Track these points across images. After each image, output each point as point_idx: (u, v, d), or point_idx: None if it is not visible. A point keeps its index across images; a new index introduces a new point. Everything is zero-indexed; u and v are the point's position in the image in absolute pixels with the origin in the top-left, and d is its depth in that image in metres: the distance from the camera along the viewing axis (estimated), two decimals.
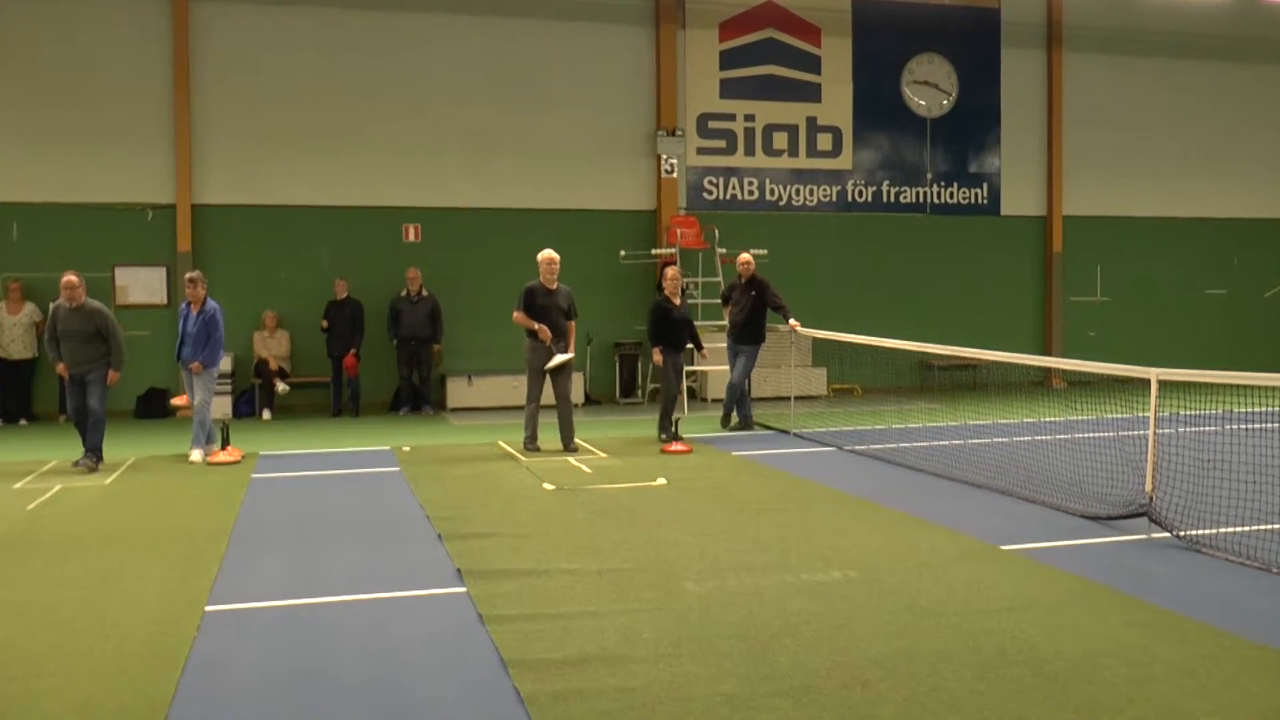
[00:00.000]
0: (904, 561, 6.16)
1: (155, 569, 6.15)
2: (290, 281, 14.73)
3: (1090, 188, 17.60)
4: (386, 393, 14.89)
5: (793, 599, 5.41)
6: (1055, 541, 6.70)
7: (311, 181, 14.74)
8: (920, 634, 4.85)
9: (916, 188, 17.04)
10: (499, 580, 5.79)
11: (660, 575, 5.88)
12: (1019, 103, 17.32)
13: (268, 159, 14.62)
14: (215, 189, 14.45)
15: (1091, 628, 4.93)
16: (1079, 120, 17.47)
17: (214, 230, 14.47)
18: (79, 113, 14.04)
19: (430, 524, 7.30)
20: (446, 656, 4.68)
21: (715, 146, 16.19)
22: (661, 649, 4.68)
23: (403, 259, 14.79)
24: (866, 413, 13.30)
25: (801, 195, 16.56)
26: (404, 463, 10.02)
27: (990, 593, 5.51)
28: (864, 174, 16.80)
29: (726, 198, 16.28)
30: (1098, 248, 17.68)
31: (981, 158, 17.31)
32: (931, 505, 7.84)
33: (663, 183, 15.81)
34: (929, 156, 17.07)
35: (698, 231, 15.46)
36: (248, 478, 9.27)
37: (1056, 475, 8.56)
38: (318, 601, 5.53)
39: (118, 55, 14.13)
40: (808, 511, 7.64)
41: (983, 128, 17.27)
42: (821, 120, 16.57)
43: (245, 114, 14.50)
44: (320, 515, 7.73)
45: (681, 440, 10.68)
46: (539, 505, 7.91)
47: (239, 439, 11.05)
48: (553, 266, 10.61)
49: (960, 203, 17.21)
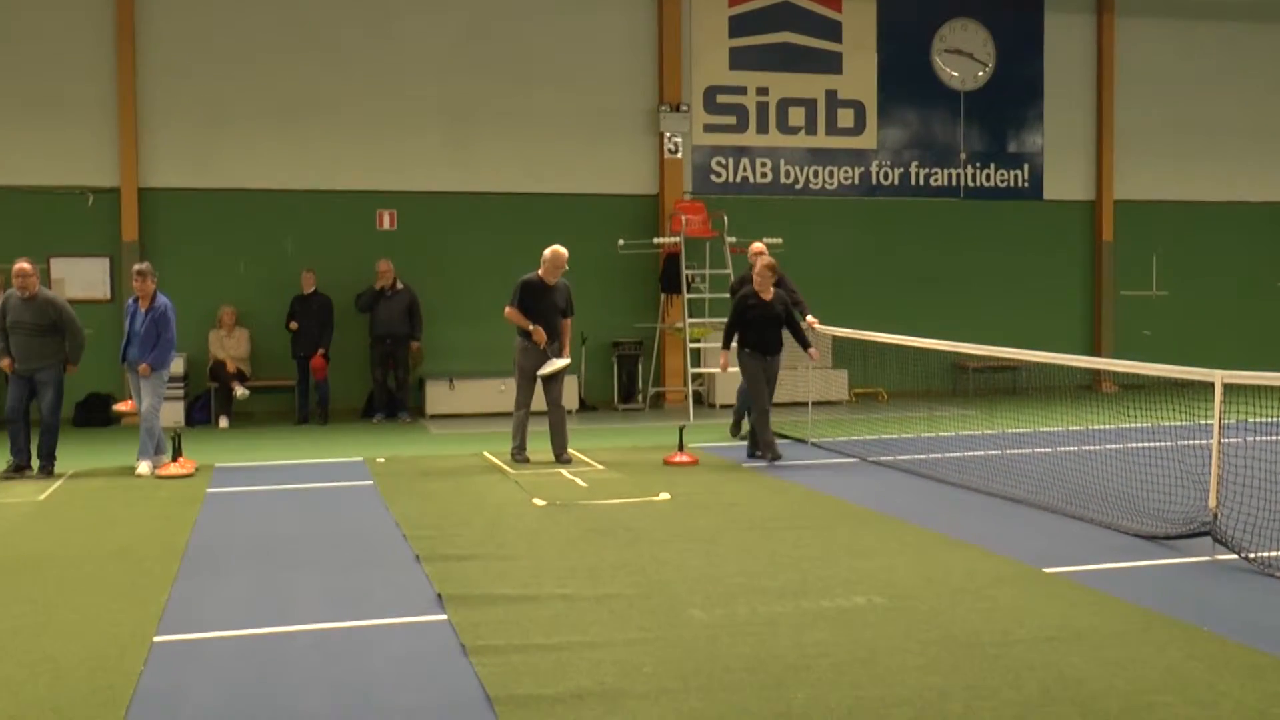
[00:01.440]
0: (936, 586, 6.15)
1: (96, 595, 6.14)
2: (250, 274, 14.73)
3: (1145, 169, 17.59)
4: (358, 398, 14.89)
5: (811, 628, 5.40)
6: (1106, 564, 6.69)
7: (274, 163, 14.74)
8: (954, 668, 4.83)
9: (949, 169, 17.03)
10: (484, 607, 5.78)
11: (663, 601, 5.87)
12: (1065, 73, 17.30)
13: (224, 138, 14.61)
14: (165, 171, 14.44)
15: (1148, 661, 4.91)
16: (1133, 93, 17.44)
17: (164, 217, 14.46)
18: (11, 86, 14.04)
19: (407, 544, 7.29)
20: (425, 692, 4.66)
21: (724, 123, 16.19)
22: (664, 684, 4.67)
23: (377, 248, 14.78)
24: (893, 420, 13.29)
25: (820, 178, 16.55)
26: (378, 476, 10.01)
27: (1033, 621, 5.49)
28: (890, 154, 16.79)
29: (736, 180, 16.28)
30: (1154, 235, 17.66)
31: (1022, 136, 17.29)
32: (966, 523, 7.83)
33: (666, 164, 15.80)
34: (963, 134, 17.06)
35: (705, 218, 15.46)
36: (202, 493, 9.25)
37: (1107, 490, 8.54)
38: (280, 630, 5.52)
39: (53, 22, 14.13)
40: (827, 530, 7.63)
41: (1023, 102, 17.26)
42: (843, 94, 16.56)
43: (199, 87, 14.50)
44: (284, 534, 7.71)
45: (684, 451, 10.67)
46: (528, 523, 7.91)
47: (192, 450, 11.02)
48: (559, 264, 10.52)
49: (998, 186, 17.19)
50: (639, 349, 15.53)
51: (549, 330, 10.48)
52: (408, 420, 14.33)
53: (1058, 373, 15.16)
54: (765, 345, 10.78)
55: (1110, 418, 12.45)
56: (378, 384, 14.50)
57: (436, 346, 15.07)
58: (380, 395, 14.50)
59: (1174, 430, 10.04)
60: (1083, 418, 12.62)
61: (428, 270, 14.99)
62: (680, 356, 15.40)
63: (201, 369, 14.33)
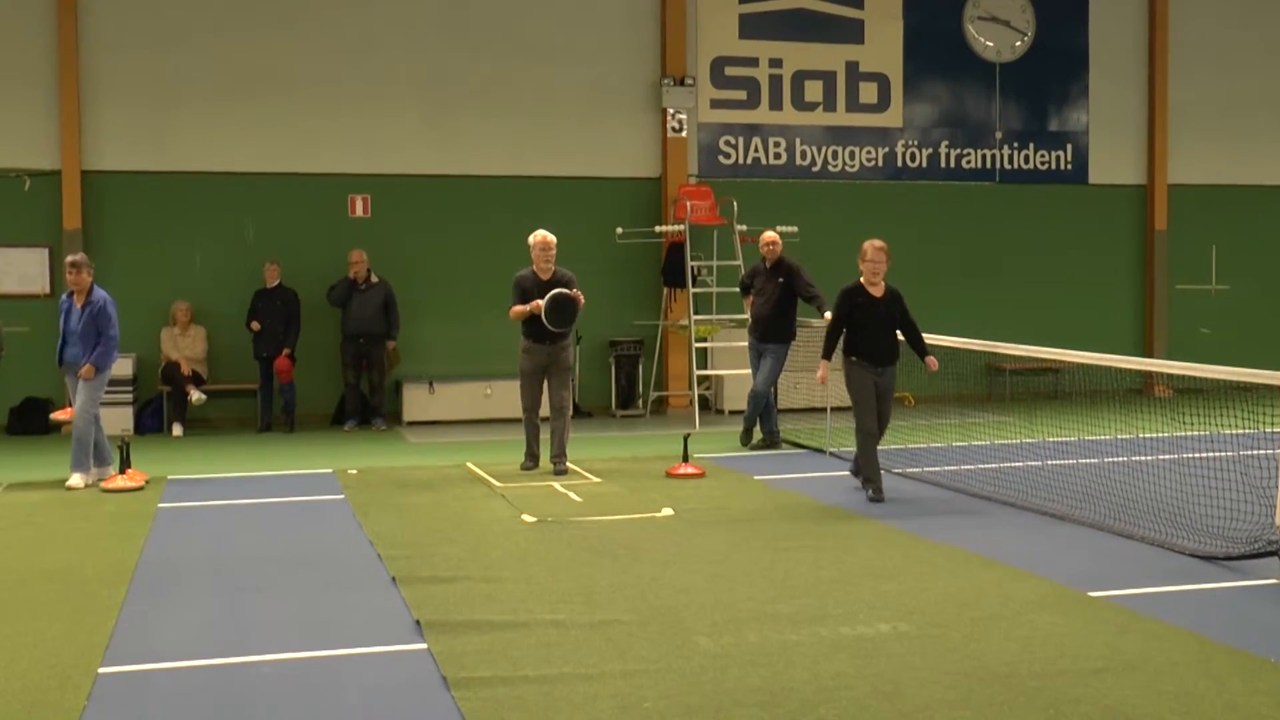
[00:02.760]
0: (968, 611, 6.15)
1: (34, 622, 6.13)
2: (207, 266, 14.75)
3: (1203, 150, 17.62)
4: (328, 403, 14.91)
5: (829, 658, 5.40)
6: (1159, 587, 6.69)
7: (234, 143, 14.75)
8: (988, 703, 4.83)
9: (983, 150, 17.05)
10: (467, 634, 5.79)
11: (666, 628, 5.88)
12: (1113, 43, 17.33)
13: (179, 116, 14.62)
14: (111, 152, 14.45)
15: (1207, 696, 4.91)
16: (1189, 66, 17.47)
17: (110, 203, 14.47)
18: None
19: (382, 564, 7.31)
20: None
21: (734, 99, 16.21)
22: (669, 719, 4.66)
23: (349, 237, 14.79)
24: (921, 427, 13.28)
25: (840, 159, 16.57)
26: (350, 489, 10.03)
27: (1077, 651, 5.49)
28: (917, 133, 16.81)
29: (747, 162, 16.30)
30: (1212, 224, 17.71)
31: (1064, 113, 17.31)
32: (1002, 541, 7.84)
33: (669, 143, 15.82)
34: (999, 111, 17.09)
35: (712, 204, 15.47)
36: (153, 508, 9.25)
37: (1160, 505, 8.55)
38: (241, 661, 5.51)
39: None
40: (848, 549, 7.64)
41: (1066, 75, 17.28)
42: (865, 66, 16.59)
43: (150, 61, 14.51)
44: (244, 554, 7.72)
45: (690, 463, 10.68)
46: (517, 542, 7.92)
47: (142, 460, 11.04)
48: (548, 251, 10.68)
49: (1038, 168, 17.22)
50: (639, 349, 15.55)
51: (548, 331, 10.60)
52: (383, 428, 14.34)
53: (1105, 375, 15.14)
54: (879, 353, 9.53)
55: (1164, 425, 12.44)
56: (350, 387, 14.51)
57: (415, 346, 15.08)
58: (352, 400, 14.51)
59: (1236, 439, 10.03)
60: (1133, 425, 12.61)
61: (405, 262, 15.00)
62: (685, 357, 15.41)
63: (153, 371, 14.33)
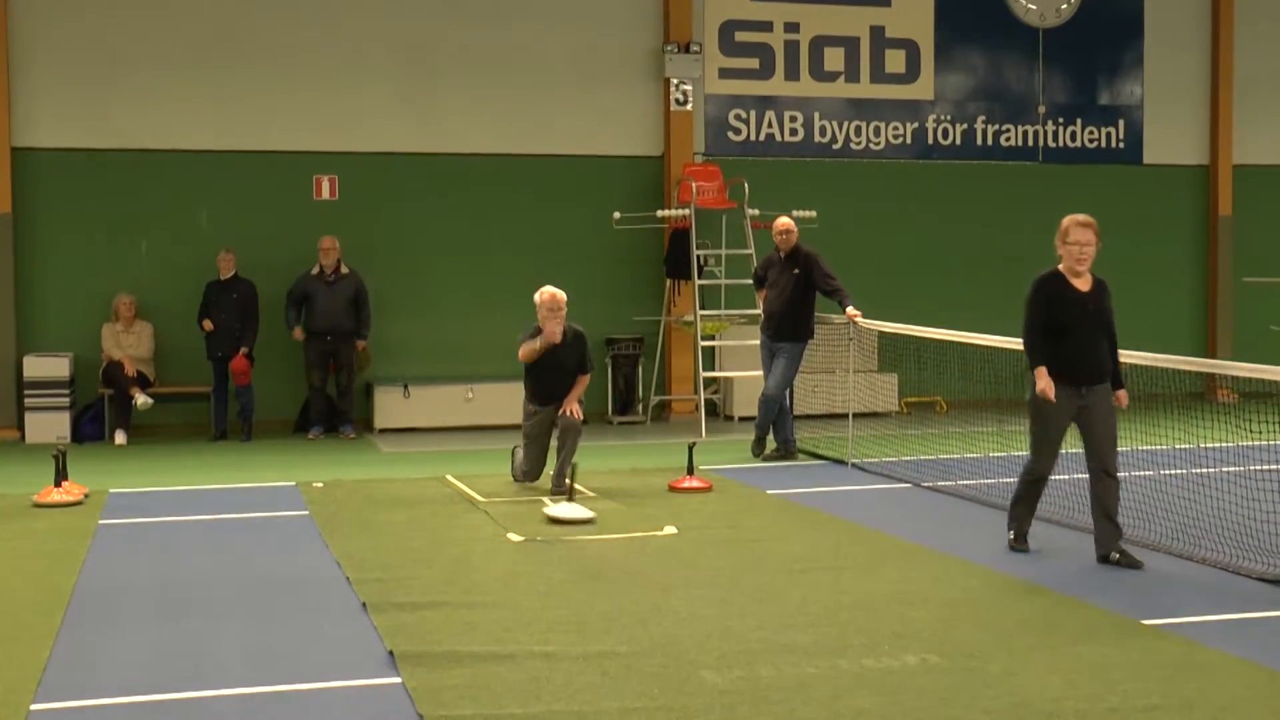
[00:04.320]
0: (1007, 642, 6.16)
1: None
2: (155, 255, 14.77)
3: (1273, 127, 17.65)
4: (291, 408, 14.93)
5: (850, 694, 5.41)
6: (1223, 614, 6.70)
7: (185, 118, 14.76)
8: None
9: (1024, 126, 17.07)
10: (446, 667, 5.79)
11: (668, 660, 5.89)
12: (1171, 5, 17.35)
13: (120, 87, 14.62)
14: (45, 127, 14.46)
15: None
16: (1258, 32, 17.51)
17: (44, 184, 14.48)
18: None
19: (352, 589, 7.31)
20: None
21: (745, 68, 16.23)
22: None
23: (314, 223, 14.81)
24: (953, 436, 13.30)
25: (864, 135, 16.59)
26: (315, 504, 10.02)
27: (1129, 686, 5.49)
28: (950, 106, 16.83)
29: (760, 139, 16.32)
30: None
31: (1116, 85, 17.33)
32: (1044, 565, 7.86)
33: (672, 118, 15.84)
34: (1042, 83, 17.11)
35: (721, 186, 15.49)
36: (93, 525, 9.24)
37: (1223, 523, 8.55)
38: (193, 696, 5.51)
39: None
40: (871, 572, 7.66)
41: (1118, 42, 17.31)
42: (891, 31, 16.61)
43: (89, 27, 14.51)
44: (196, 577, 7.72)
45: (695, 475, 10.68)
46: (502, 564, 7.93)
47: (81, 472, 11.04)
48: (557, 312, 10.43)
49: (1086, 146, 17.25)
50: (639, 348, 15.57)
51: (557, 391, 10.56)
52: (351, 436, 14.37)
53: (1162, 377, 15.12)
54: (1084, 367, 7.89)
55: (1228, 433, 12.45)
56: (315, 391, 14.53)
57: (387, 345, 15.09)
58: (318, 404, 14.54)
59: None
60: (1193, 433, 12.62)
61: (377, 251, 15.03)
62: (690, 357, 15.42)
63: (93, 372, 14.35)
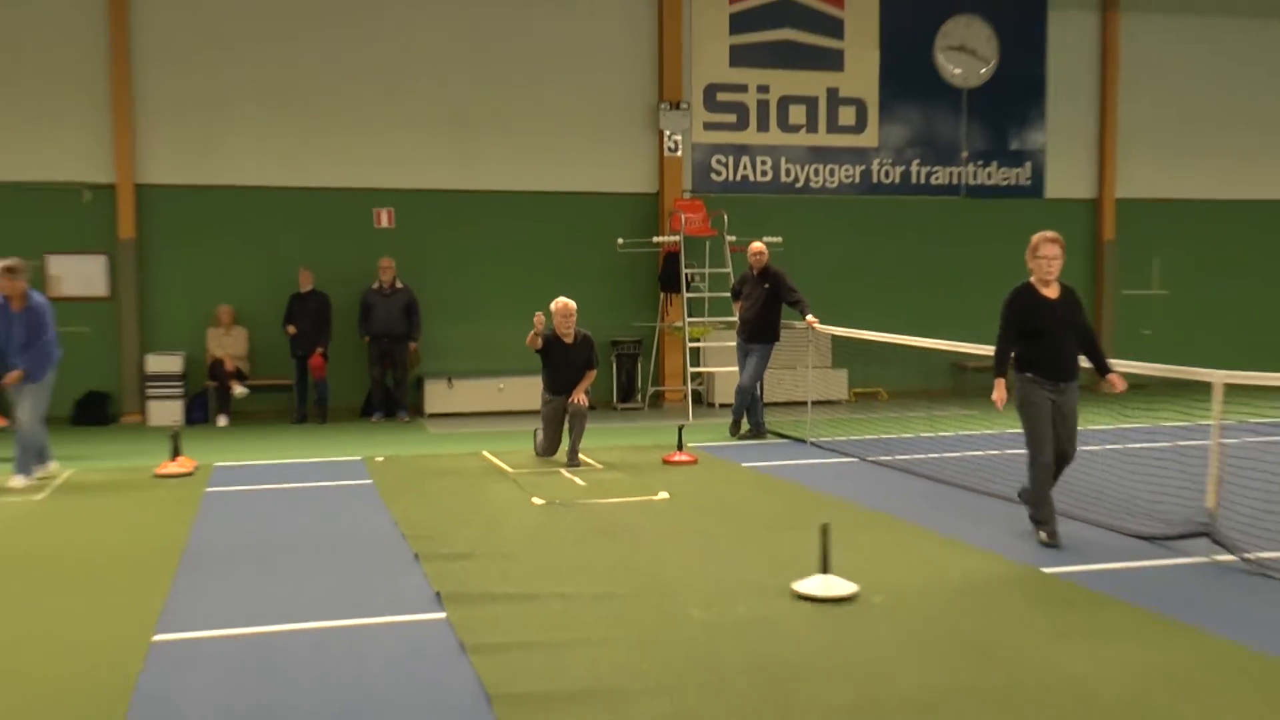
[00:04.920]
0: (938, 588, 6.18)
1: (95, 595, 6.17)
2: (249, 272, 14.74)
3: (1147, 167, 17.61)
4: (357, 397, 14.91)
5: (811, 628, 5.44)
6: (1106, 564, 6.73)
7: (272, 160, 14.75)
8: (956, 669, 4.87)
9: (951, 167, 17.06)
10: (482, 605, 5.81)
11: (662, 600, 5.91)
12: (1068, 71, 17.32)
13: (222, 135, 14.62)
14: (162, 167, 14.45)
15: (1146, 661, 4.96)
16: (1136, 91, 17.46)
17: (161, 214, 14.47)
18: (4, 81, 14.03)
19: (406, 543, 7.32)
20: (424, 690, 4.70)
21: (724, 121, 16.22)
22: (663, 682, 4.70)
23: (375, 246, 14.82)
24: (892, 420, 13.32)
25: (821, 176, 16.58)
26: (377, 475, 10.03)
27: (1034, 623, 5.53)
28: (891, 152, 16.82)
29: (737, 179, 16.31)
30: (1155, 235, 17.68)
31: (1024, 133, 17.32)
32: (966, 524, 7.88)
33: (665, 162, 15.83)
34: (965, 132, 17.09)
35: (704, 217, 15.49)
36: (200, 492, 9.28)
37: (1106, 491, 8.58)
38: (279, 629, 5.54)
39: (47, 14, 14.13)
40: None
41: (1026, 99, 17.29)
42: (844, 91, 16.59)
43: (196, 84, 14.49)
44: (282, 534, 7.74)
45: (683, 451, 10.70)
46: (527, 522, 7.94)
47: (190, 449, 11.06)
48: (569, 319, 10.57)
49: (1000, 184, 17.23)
50: (638, 348, 15.56)
51: (569, 383, 10.56)
52: (406, 419, 14.36)
53: None
54: (1058, 366, 7.33)
55: (1110, 418, 12.48)
56: (376, 383, 14.53)
57: (435, 345, 15.09)
58: (379, 394, 14.53)
59: (1173, 431, 10.09)
60: (1083, 418, 12.66)
61: (426, 269, 15.01)
62: (680, 356, 15.44)
63: (200, 368, 14.36)
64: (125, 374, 14.41)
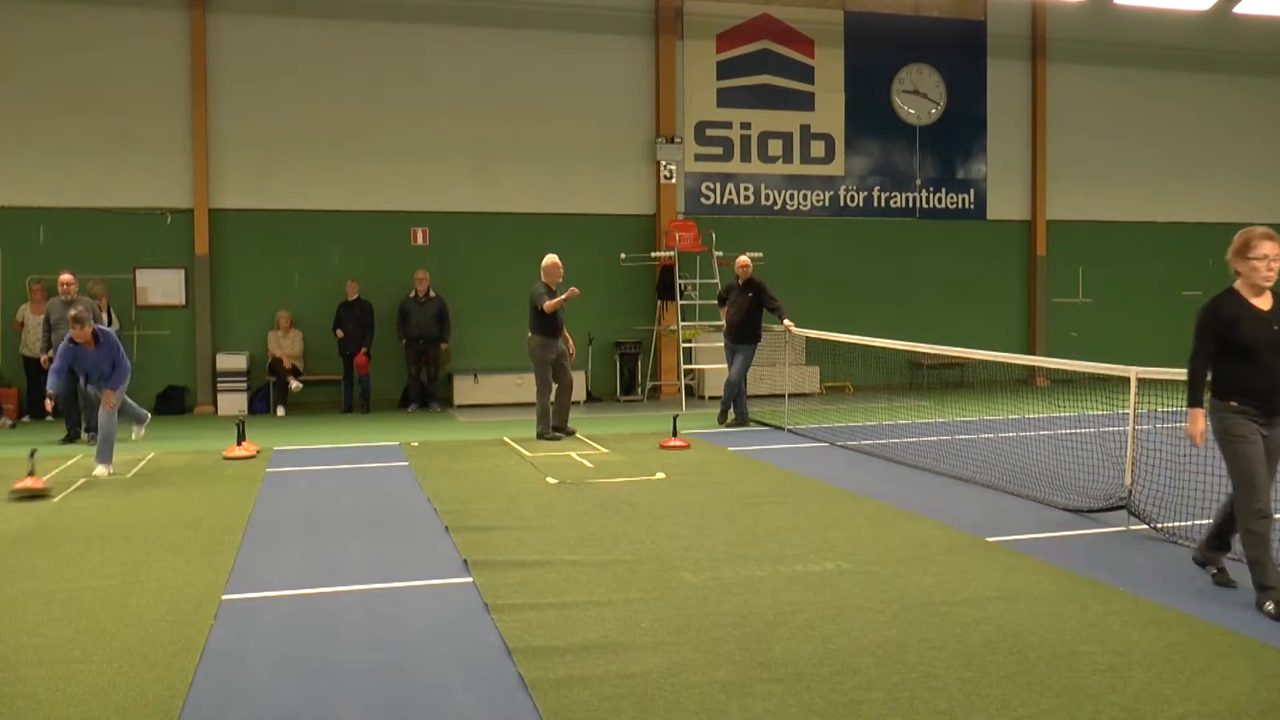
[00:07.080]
0: (895, 553, 6.16)
1: (174, 560, 6.16)
2: (303, 283, 14.74)
3: (1073, 193, 17.61)
4: (395, 390, 14.90)
5: (787, 589, 5.42)
6: (1039, 534, 6.71)
7: (323, 186, 14.74)
8: (910, 623, 4.86)
9: (906, 193, 17.04)
10: (504, 571, 5.80)
11: (659, 566, 5.89)
12: (1005, 111, 17.32)
13: (281, 165, 14.61)
14: (231, 194, 14.45)
15: (1073, 616, 4.94)
16: (1062, 128, 17.48)
17: (230, 233, 14.47)
18: (101, 121, 14.03)
19: (438, 517, 7.31)
20: (453, 644, 4.69)
21: (712, 153, 16.20)
22: (660, 637, 4.69)
23: (411, 261, 14.80)
24: (858, 410, 13.30)
25: (795, 200, 16.56)
26: (412, 457, 10.02)
27: (977, 583, 5.51)
28: (856, 180, 16.80)
29: (723, 202, 16.29)
30: (1080, 251, 17.68)
31: (969, 164, 17.31)
32: (921, 499, 7.85)
33: (662, 188, 15.80)
34: (918, 163, 17.07)
35: (695, 235, 15.46)
36: (262, 472, 9.27)
37: (1040, 470, 8.56)
38: (329, 591, 5.53)
39: (138, 64, 14.13)
40: (802, 505, 7.64)
41: (970, 135, 17.27)
42: (815, 128, 16.57)
43: (260, 121, 14.50)
44: (332, 508, 7.73)
45: (678, 437, 10.68)
46: (542, 499, 7.92)
47: (254, 435, 11.06)
48: (559, 269, 11.16)
49: (948, 208, 17.21)
50: (638, 348, 15.54)
51: (557, 327, 10.86)
52: (438, 410, 14.34)
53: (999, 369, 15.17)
54: (1273, 396, 5.06)
55: (1043, 408, 12.47)
56: (412, 379, 14.51)
57: (462, 346, 15.07)
58: (414, 388, 14.51)
59: (1096, 419, 10.07)
60: (1020, 408, 12.64)
61: (455, 280, 15.00)
62: (675, 355, 15.41)
63: (261, 365, 14.35)
64: (199, 371, 14.39)
